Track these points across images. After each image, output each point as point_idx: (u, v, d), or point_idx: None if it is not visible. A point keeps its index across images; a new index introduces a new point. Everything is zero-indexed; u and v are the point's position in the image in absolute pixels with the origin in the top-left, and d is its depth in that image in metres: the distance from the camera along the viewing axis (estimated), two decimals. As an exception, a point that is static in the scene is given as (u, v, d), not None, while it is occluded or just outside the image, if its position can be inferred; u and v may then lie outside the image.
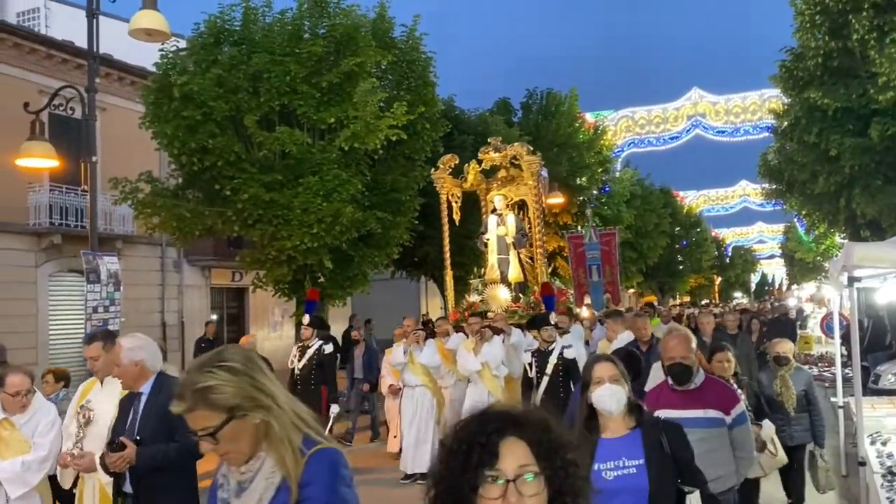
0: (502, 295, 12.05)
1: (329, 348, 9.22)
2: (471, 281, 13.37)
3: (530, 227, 13.07)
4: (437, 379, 9.66)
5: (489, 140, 12.97)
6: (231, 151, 12.43)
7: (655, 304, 20.48)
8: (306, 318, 9.41)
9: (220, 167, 12.47)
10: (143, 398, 3.98)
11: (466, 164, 13.20)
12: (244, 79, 12.56)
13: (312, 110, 12.61)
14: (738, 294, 70.65)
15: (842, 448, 8.93)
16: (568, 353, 7.53)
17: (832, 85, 14.86)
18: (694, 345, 3.96)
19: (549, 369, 7.44)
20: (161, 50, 12.90)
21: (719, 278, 60.54)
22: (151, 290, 20.63)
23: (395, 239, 14.38)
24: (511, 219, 12.85)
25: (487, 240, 12.76)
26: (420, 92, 14.45)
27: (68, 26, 19.76)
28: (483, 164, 13.11)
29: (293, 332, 15.14)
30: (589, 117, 31.32)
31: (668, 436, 3.10)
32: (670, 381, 3.98)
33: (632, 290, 42.06)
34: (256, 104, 12.59)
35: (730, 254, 65.07)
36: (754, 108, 34.40)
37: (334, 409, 9.29)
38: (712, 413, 3.88)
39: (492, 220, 12.90)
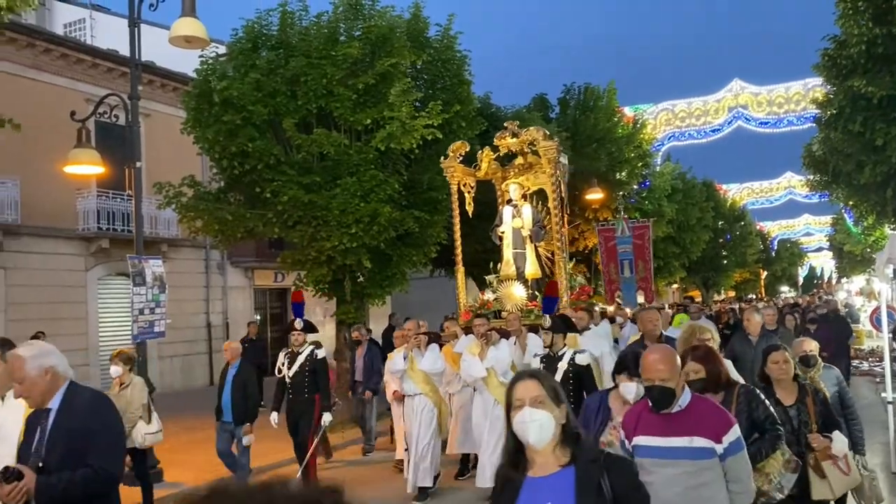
0: (517, 293, 10.87)
1: (321, 354, 8.66)
2: (486, 277, 11.80)
3: (549, 219, 11.76)
4: (444, 385, 8.95)
5: (505, 125, 11.71)
6: (270, 154, 12.64)
7: (696, 298, 19.46)
8: (298, 323, 8.63)
9: (260, 170, 12.68)
10: (52, 415, 3.35)
11: (480, 151, 11.95)
12: (282, 82, 12.75)
13: (349, 112, 12.75)
14: (784, 288, 69.18)
15: (892, 445, 8.73)
16: (580, 359, 6.71)
17: (877, 73, 14.46)
18: (678, 362, 3.47)
19: (559, 376, 6.51)
20: (201, 56, 13.17)
21: (765, 272, 59.36)
22: (196, 292, 21.08)
23: (432, 237, 14.45)
24: (527, 210, 11.47)
25: (502, 233, 11.49)
26: (455, 90, 14.48)
27: (113, 36, 20.30)
28: (499, 151, 11.81)
29: (334, 331, 15.32)
30: (628, 111, 30.95)
31: (612, 476, 2.42)
32: (650, 404, 3.44)
33: (675, 286, 41.50)
34: (294, 107, 12.77)
35: (775, 247, 63.73)
36: (798, 99, 33.59)
37: (327, 418, 8.56)
38: (700, 442, 3.28)
39: (507, 212, 11.53)
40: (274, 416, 8.63)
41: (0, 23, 7.14)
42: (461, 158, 11.66)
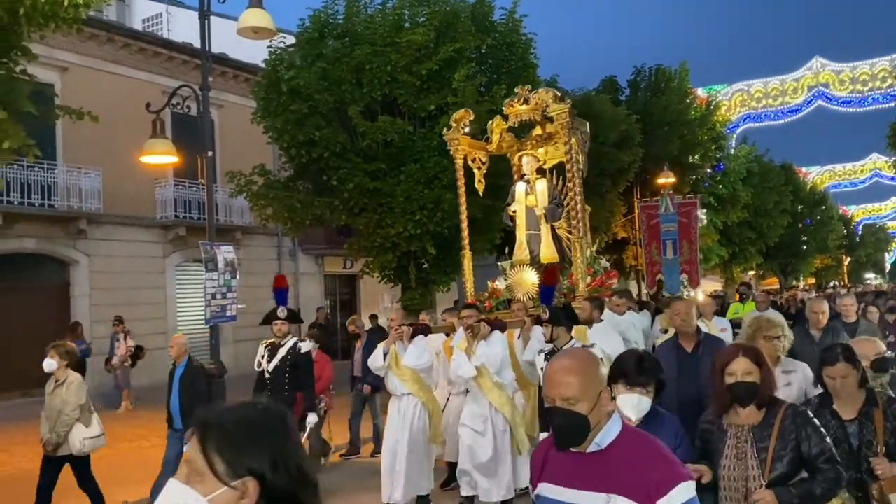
0: (529, 279, 9.42)
1: (306, 346, 7.63)
2: (499, 264, 10.46)
3: (566, 196, 10.05)
4: (441, 386, 7.85)
5: (515, 90, 10.05)
6: (336, 142, 12.82)
7: (751, 285, 17.86)
8: (281, 311, 7.59)
9: (327, 158, 12.88)
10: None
11: (490, 121, 10.43)
12: (347, 71, 12.89)
13: (413, 98, 12.80)
14: (870, 275, 66.12)
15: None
16: None
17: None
18: (598, 375, 2.26)
19: None
20: (270, 47, 13.44)
21: (848, 258, 56.89)
22: (269, 278, 21.55)
23: (496, 224, 14.40)
24: (542, 186, 9.91)
25: (513, 212, 10.02)
26: (520, 74, 14.33)
27: (189, 29, 20.90)
28: (511, 121, 10.06)
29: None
30: (701, 93, 30.12)
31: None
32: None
33: (751, 273, 40.26)
34: (360, 95, 12.90)
35: (860, 232, 60.98)
36: (884, 76, 31.96)
37: (311, 418, 7.53)
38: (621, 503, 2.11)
39: (519, 188, 10.00)
40: None
41: (79, 19, 7.43)
42: (465, 129, 10.19)
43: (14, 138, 7.02)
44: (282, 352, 7.46)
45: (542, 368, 5.64)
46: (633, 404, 3.30)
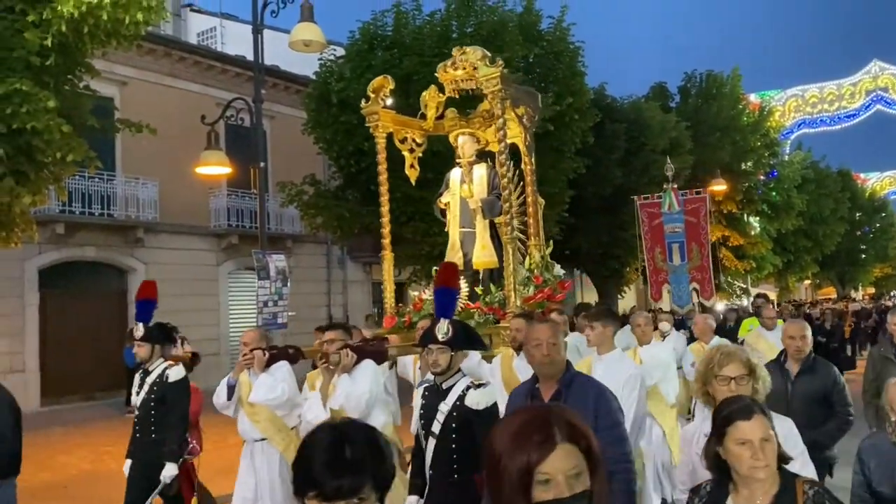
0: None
1: (176, 374, 5.66)
2: (435, 268, 7.25)
3: (522, 185, 8.03)
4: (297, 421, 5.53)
5: (454, 52, 7.80)
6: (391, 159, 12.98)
7: (767, 296, 14.70)
8: (137, 330, 5.79)
9: (373, 168, 13.04)
10: None
11: (424, 93, 8.50)
12: (396, 82, 13.04)
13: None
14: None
15: None
16: (474, 399, 3.97)
17: None
18: None
19: (436, 426, 4.05)
20: (320, 59, 13.69)
21: (911, 267, 54.93)
22: (319, 286, 21.94)
23: (544, 232, 14.38)
24: (480, 173, 7.78)
25: (445, 204, 8.02)
26: (568, 82, 14.34)
27: (242, 42, 21.40)
28: (448, 91, 8.03)
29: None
30: (753, 98, 29.59)
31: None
32: None
33: (807, 282, 39.24)
34: (406, 105, 13.03)
35: (923, 240, 58.82)
36: (948, 78, 30.92)
37: (167, 471, 5.41)
38: None
39: (454, 175, 7.98)
40: (127, 465, 5.69)
41: (139, 35, 7.71)
42: (387, 102, 8.38)
43: (78, 151, 7.31)
44: (149, 380, 5.70)
45: (420, 410, 4.23)
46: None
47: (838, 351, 12.79)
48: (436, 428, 4.07)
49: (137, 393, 5.73)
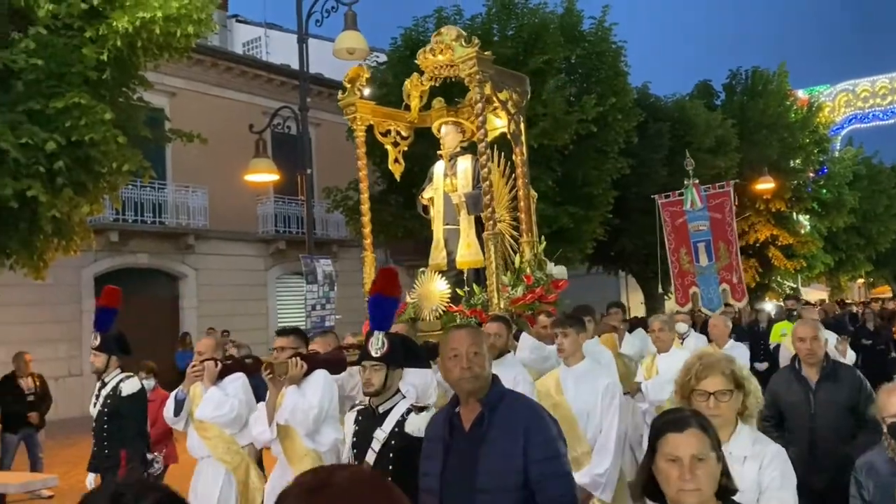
0: (439, 290, 7.02)
1: (130, 387, 5.41)
2: (421, 269, 7.51)
3: (513, 177, 7.36)
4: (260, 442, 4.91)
5: (432, 36, 7.30)
6: (425, 156, 13.08)
7: (798, 297, 12.94)
8: (94, 338, 5.45)
9: (417, 172, 13.16)
10: None
11: (408, 80, 7.95)
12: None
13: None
14: None
15: None
16: (414, 425, 3.48)
17: None
18: None
19: (370, 455, 3.57)
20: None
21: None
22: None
23: (588, 234, 14.33)
24: (465, 165, 7.22)
25: (428, 200, 7.56)
26: (611, 83, 14.28)
27: (286, 51, 21.78)
28: (428, 78, 7.48)
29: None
30: (801, 94, 28.96)
31: None
32: None
33: (860, 281, 38.22)
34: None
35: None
36: None
37: None
38: None
39: (438, 168, 7.50)
40: (90, 478, 5.57)
41: (189, 47, 7.95)
42: (365, 92, 7.85)
43: (133, 161, 7.57)
44: (104, 392, 5.41)
45: (353, 437, 3.78)
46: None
47: (885, 353, 11.96)
48: (370, 458, 3.58)
49: (94, 405, 5.44)
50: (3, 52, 6.60)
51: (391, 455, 3.48)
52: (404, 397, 3.76)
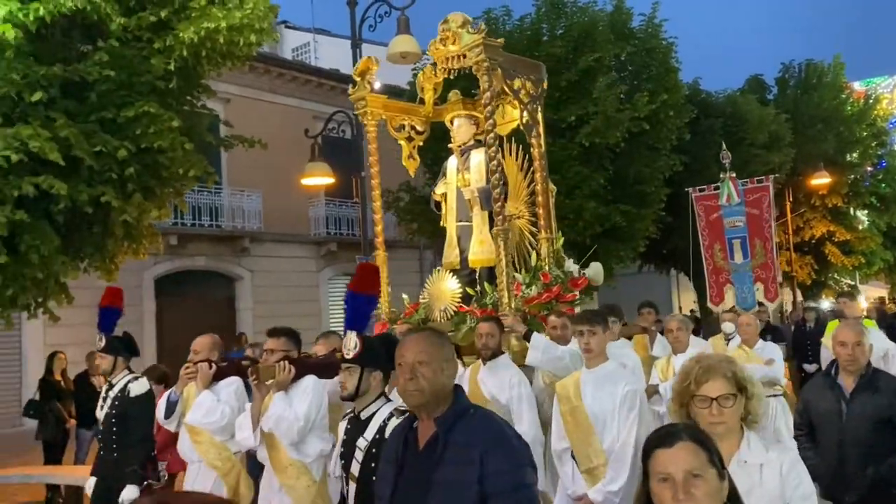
0: (450, 289, 6.71)
1: (139, 388, 5.27)
2: (437, 269, 7.24)
3: (531, 169, 6.93)
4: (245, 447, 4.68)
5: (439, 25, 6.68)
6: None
7: (853, 294, 12.16)
8: (100, 340, 5.38)
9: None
10: None
11: (420, 73, 7.76)
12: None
13: (552, 110, 12.92)
14: None
15: None
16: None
17: None
18: None
19: (355, 467, 3.42)
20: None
21: None
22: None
23: (640, 232, 14.24)
24: (478, 159, 6.80)
25: (441, 196, 7.22)
26: (662, 79, 14.18)
27: (334, 56, 22.12)
28: (441, 70, 6.94)
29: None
30: (858, 86, 28.23)
31: None
32: None
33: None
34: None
35: None
36: None
37: (128, 493, 4.88)
38: None
39: (451, 163, 7.14)
40: (90, 481, 5.31)
41: (250, 56, 8.19)
42: (376, 85, 7.65)
43: (198, 167, 7.84)
44: (111, 394, 5.29)
45: (341, 446, 3.64)
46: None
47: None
48: (355, 469, 3.34)
49: (101, 407, 5.32)
50: (79, 65, 6.91)
51: (373, 465, 3.17)
52: (389, 401, 3.50)
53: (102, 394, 5.40)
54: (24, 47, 6.68)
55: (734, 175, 12.82)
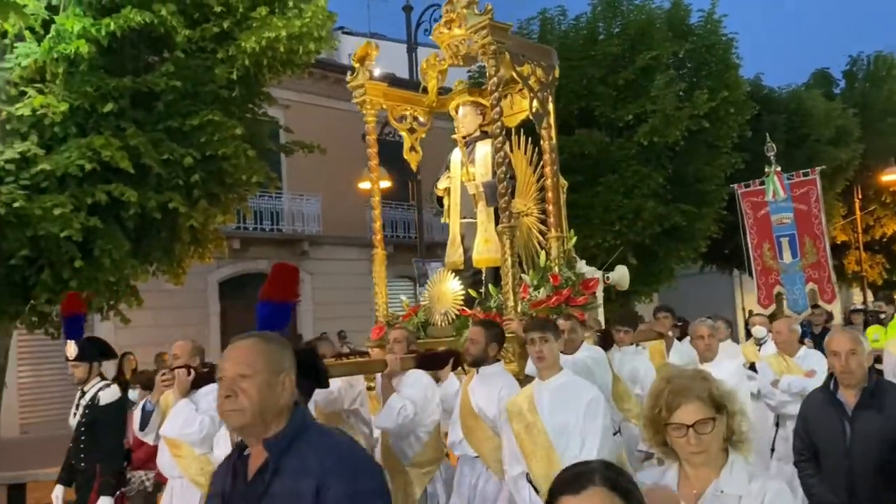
0: (452, 290, 6.24)
1: (109, 396, 4.98)
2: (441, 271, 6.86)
3: (541, 163, 6.38)
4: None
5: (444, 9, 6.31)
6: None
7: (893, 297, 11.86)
8: (71, 349, 5.04)
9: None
10: None
11: (424, 59, 7.46)
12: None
13: (610, 109, 12.84)
14: None
15: None
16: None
17: None
18: None
19: None
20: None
21: None
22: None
23: (701, 231, 13.99)
24: (483, 151, 6.35)
25: (444, 191, 6.94)
26: (722, 76, 13.90)
27: (390, 60, 22.33)
28: (449, 60, 6.79)
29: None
30: (930, 77, 27.04)
31: None
32: None
33: None
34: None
35: None
36: None
37: None
38: None
39: (455, 157, 6.84)
40: (58, 490, 5.16)
41: (309, 63, 8.37)
42: (375, 73, 7.30)
43: (260, 173, 8.06)
44: (82, 403, 5.03)
45: None
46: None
47: None
48: None
49: (74, 414, 5.07)
50: (147, 76, 7.17)
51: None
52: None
53: (75, 401, 5.13)
54: (97, 61, 6.99)
55: (780, 169, 12.11)
